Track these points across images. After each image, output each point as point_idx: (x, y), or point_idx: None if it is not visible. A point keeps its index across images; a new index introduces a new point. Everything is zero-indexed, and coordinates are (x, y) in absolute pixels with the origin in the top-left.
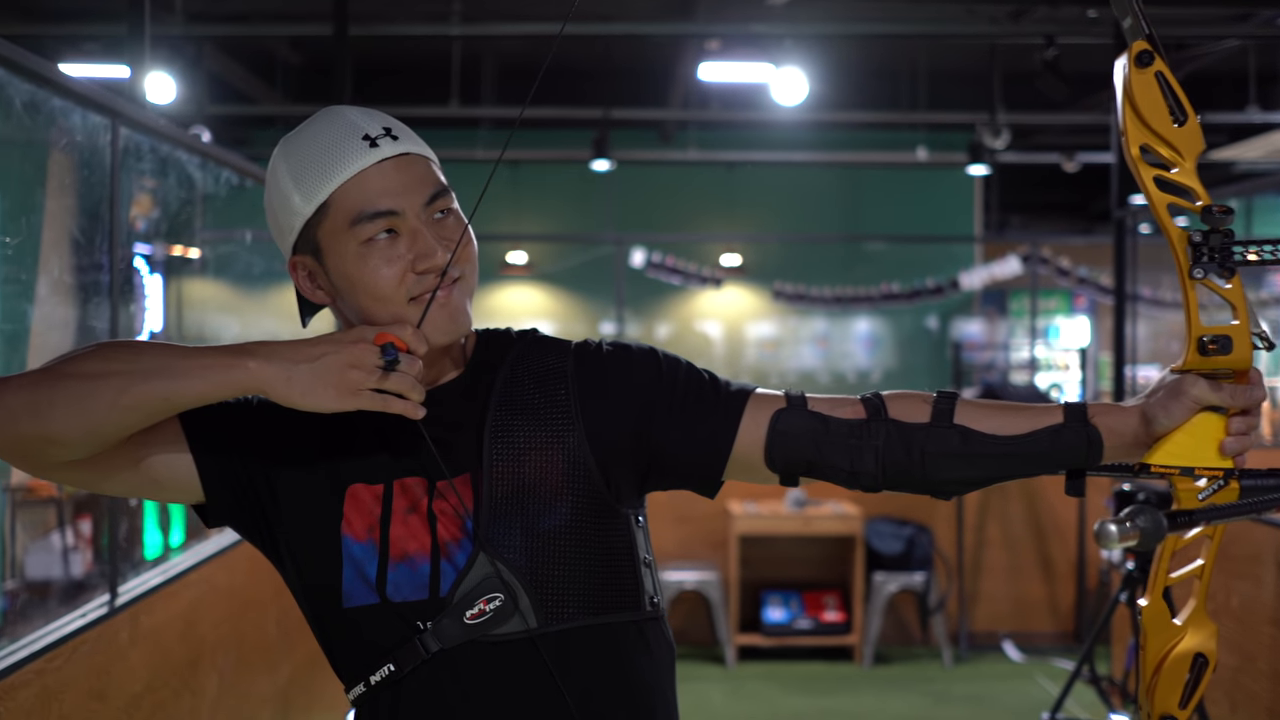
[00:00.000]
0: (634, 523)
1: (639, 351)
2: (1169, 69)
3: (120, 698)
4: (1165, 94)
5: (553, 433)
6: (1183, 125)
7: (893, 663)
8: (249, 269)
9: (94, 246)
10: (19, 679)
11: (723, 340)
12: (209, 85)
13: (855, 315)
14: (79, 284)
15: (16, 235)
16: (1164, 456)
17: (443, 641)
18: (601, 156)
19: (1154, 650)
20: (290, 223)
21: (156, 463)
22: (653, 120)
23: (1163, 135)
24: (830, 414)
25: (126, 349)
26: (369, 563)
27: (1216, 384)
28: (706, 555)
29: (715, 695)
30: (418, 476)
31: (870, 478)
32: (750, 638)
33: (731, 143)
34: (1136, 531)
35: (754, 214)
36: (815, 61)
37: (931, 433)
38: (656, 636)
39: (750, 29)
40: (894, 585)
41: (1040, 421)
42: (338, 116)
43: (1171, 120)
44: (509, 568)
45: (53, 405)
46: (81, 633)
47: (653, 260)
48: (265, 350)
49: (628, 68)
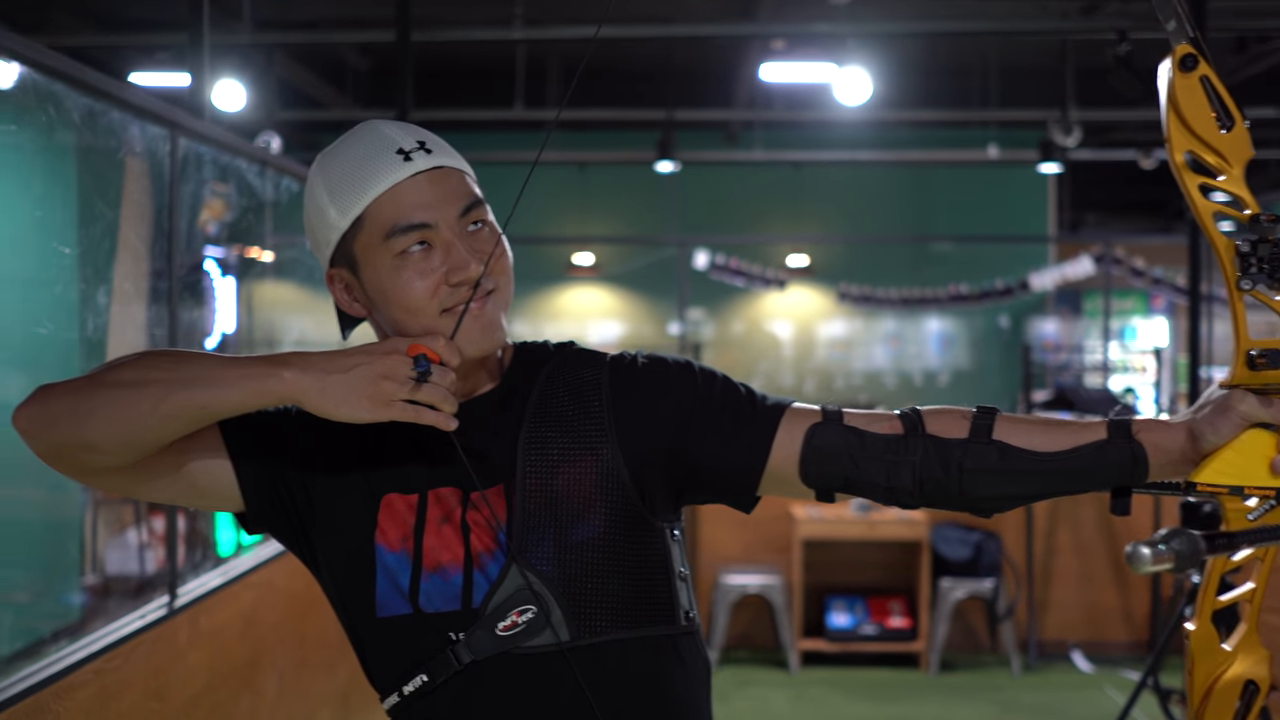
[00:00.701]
0: (669, 536)
1: (675, 365)
2: (1215, 73)
3: (179, 698)
4: (1211, 99)
5: (586, 445)
6: (1230, 131)
7: (959, 670)
8: (314, 272)
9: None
10: (78, 679)
11: (792, 341)
12: (279, 92)
13: (926, 315)
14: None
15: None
16: (1212, 475)
17: (475, 653)
18: (666, 158)
19: (1202, 676)
20: (327, 236)
21: (196, 470)
22: (717, 121)
23: (1209, 141)
24: (867, 429)
25: (167, 358)
26: (402, 573)
27: (1267, 399)
28: (770, 559)
29: (777, 700)
30: (452, 487)
31: (907, 494)
32: (814, 643)
33: (797, 143)
34: (1171, 555)
35: (821, 214)
36: (881, 60)
37: (970, 449)
38: (691, 651)
39: (813, 29)
40: (961, 591)
41: (1083, 437)
42: (373, 131)
43: (1218, 126)
44: (541, 580)
45: (93, 412)
46: (140, 633)
47: (716, 262)
48: (300, 361)
49: (692, 69)
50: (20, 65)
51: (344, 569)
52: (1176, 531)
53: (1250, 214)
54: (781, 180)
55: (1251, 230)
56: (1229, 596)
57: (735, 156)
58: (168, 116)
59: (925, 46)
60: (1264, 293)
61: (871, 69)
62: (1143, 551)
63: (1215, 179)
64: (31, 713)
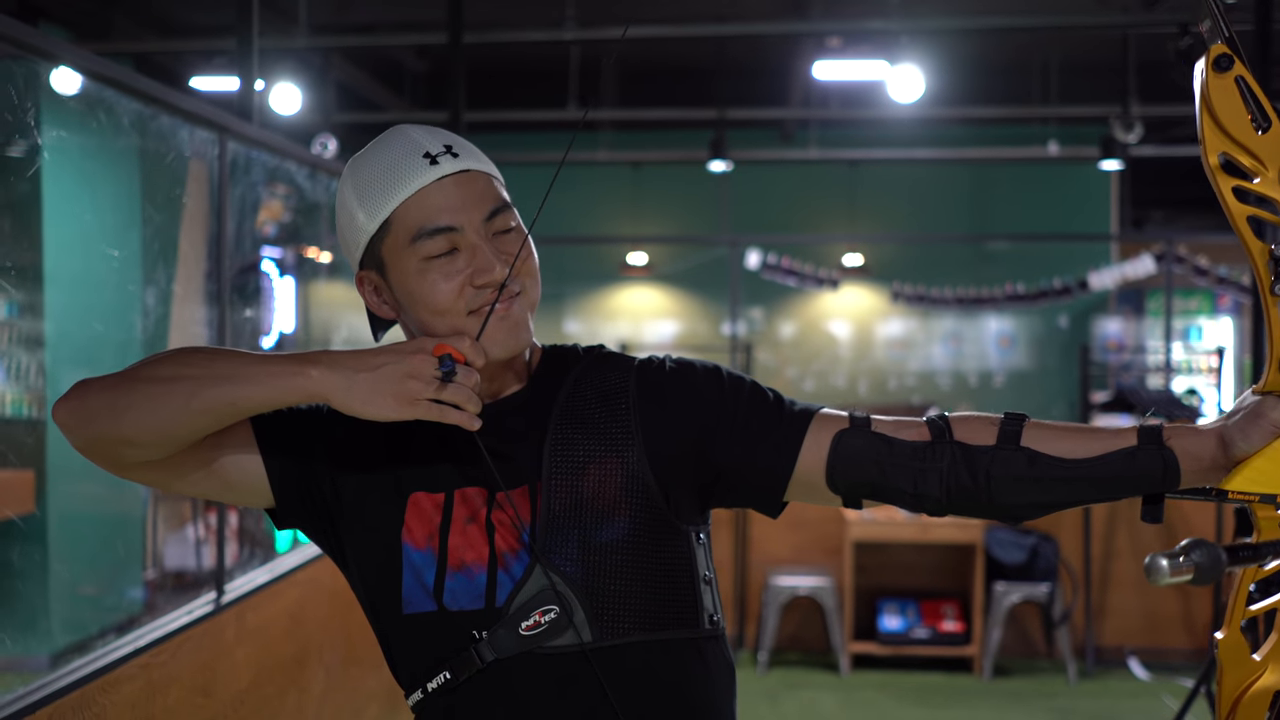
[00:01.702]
0: (694, 540)
1: (703, 369)
2: (1250, 73)
3: (225, 693)
4: (1246, 99)
5: (612, 448)
6: (1266, 132)
7: (1014, 676)
8: None
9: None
10: (124, 673)
11: (846, 341)
12: (337, 95)
13: (986, 316)
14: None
15: (146, 242)
16: (1243, 483)
17: (498, 651)
18: (718, 157)
19: (1230, 685)
20: (356, 239)
21: (228, 465)
22: (770, 120)
23: (1244, 144)
24: (895, 436)
25: (200, 355)
26: (427, 570)
27: None
28: (821, 561)
29: (827, 703)
30: (478, 487)
31: (934, 501)
32: (865, 646)
33: (853, 141)
34: (1191, 567)
35: (876, 213)
36: (937, 57)
37: (997, 455)
38: (715, 656)
39: (866, 26)
40: (1016, 596)
41: (1113, 444)
42: (401, 136)
43: (1254, 127)
44: (564, 580)
45: (129, 408)
46: (187, 629)
47: (768, 261)
48: (329, 359)
49: (746, 67)
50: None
51: (371, 566)
52: (1197, 543)
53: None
54: (837, 179)
55: None
56: (1259, 606)
57: (790, 155)
58: (217, 121)
59: (984, 42)
60: None
61: (927, 66)
62: (1161, 563)
63: (1250, 181)
64: (78, 706)
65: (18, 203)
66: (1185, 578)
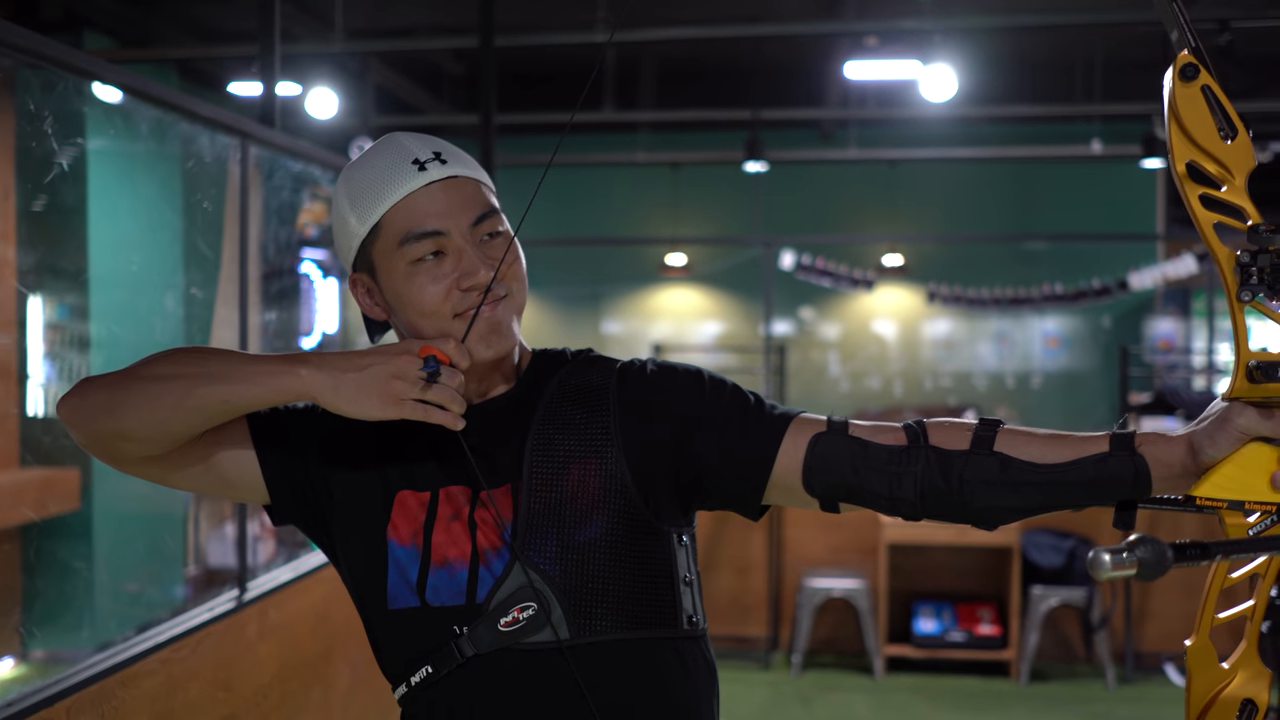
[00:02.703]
0: (675, 541)
1: (684, 372)
2: (1216, 82)
3: (248, 688)
4: (1213, 109)
5: (591, 449)
6: (1232, 141)
7: (1051, 681)
8: None
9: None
10: (143, 668)
11: (882, 341)
12: (376, 98)
13: (1032, 316)
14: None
15: (200, 246)
16: (1211, 489)
17: (478, 647)
18: (754, 157)
19: (1198, 692)
20: (349, 243)
21: (224, 461)
22: (808, 120)
23: (1210, 152)
24: (871, 440)
25: (196, 354)
26: (411, 567)
27: (1268, 412)
28: (855, 563)
29: (860, 706)
30: (462, 486)
31: (909, 505)
32: (900, 649)
33: (893, 140)
34: (1134, 562)
35: (917, 213)
36: (977, 54)
37: (970, 460)
38: (694, 656)
39: (899, 25)
40: (1054, 600)
41: (1085, 450)
42: (392, 143)
43: (1220, 136)
44: (543, 578)
45: (125, 404)
46: (207, 626)
47: (802, 262)
48: (318, 359)
49: (783, 67)
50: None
51: (359, 561)
52: (1144, 539)
53: (1251, 224)
54: (876, 179)
55: (1251, 241)
56: (1228, 614)
57: (829, 155)
58: (237, 126)
59: (1026, 39)
60: (1264, 304)
61: (965, 64)
62: (1103, 558)
63: (1217, 190)
64: (96, 700)
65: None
66: (1128, 573)
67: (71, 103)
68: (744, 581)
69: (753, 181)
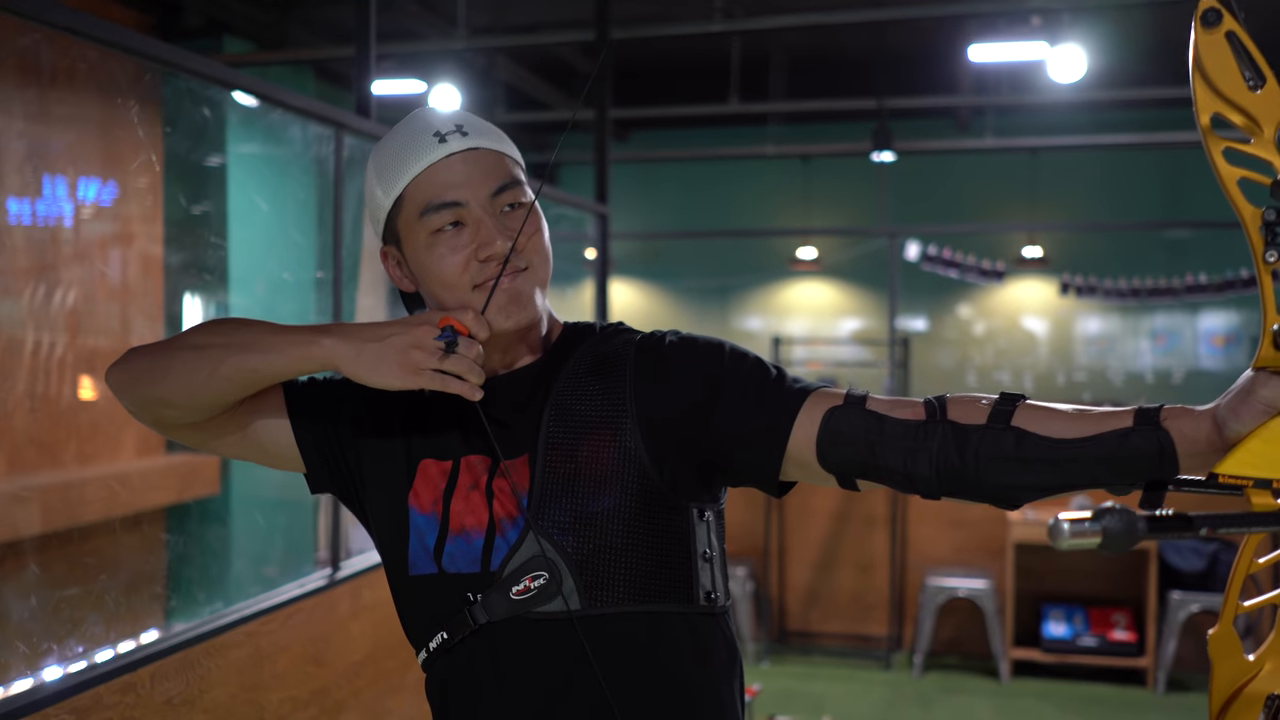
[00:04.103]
0: (695, 515)
1: (704, 344)
2: (1242, 27)
3: (340, 664)
4: (1238, 55)
5: (607, 420)
6: (1259, 90)
7: (1190, 691)
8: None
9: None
10: (230, 639)
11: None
12: (507, 95)
13: (1185, 309)
14: None
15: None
16: (1235, 465)
17: (490, 614)
18: (883, 148)
19: (1221, 683)
20: (377, 215)
21: (261, 429)
22: (941, 108)
23: (1236, 102)
24: (889, 415)
25: (231, 325)
26: (430, 534)
27: None
28: (981, 563)
29: (983, 711)
30: (482, 455)
31: (925, 482)
32: (1027, 652)
33: (1034, 128)
34: (1098, 532)
35: (1058, 202)
36: (1116, 35)
37: (986, 435)
38: (710, 633)
39: (1026, 4)
40: (1194, 605)
41: (1107, 425)
42: (417, 117)
43: (1247, 85)
44: (556, 548)
45: (167, 372)
46: (297, 601)
47: (928, 253)
48: (341, 330)
49: (911, 54)
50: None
51: (385, 529)
52: (1113, 509)
53: (1277, 179)
54: (1015, 167)
55: (1276, 197)
56: (1254, 602)
57: (962, 145)
58: (332, 117)
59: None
60: None
61: (1102, 46)
62: (1062, 526)
63: (1245, 143)
64: (182, 667)
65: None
66: (1090, 542)
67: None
68: (866, 579)
69: (879, 172)
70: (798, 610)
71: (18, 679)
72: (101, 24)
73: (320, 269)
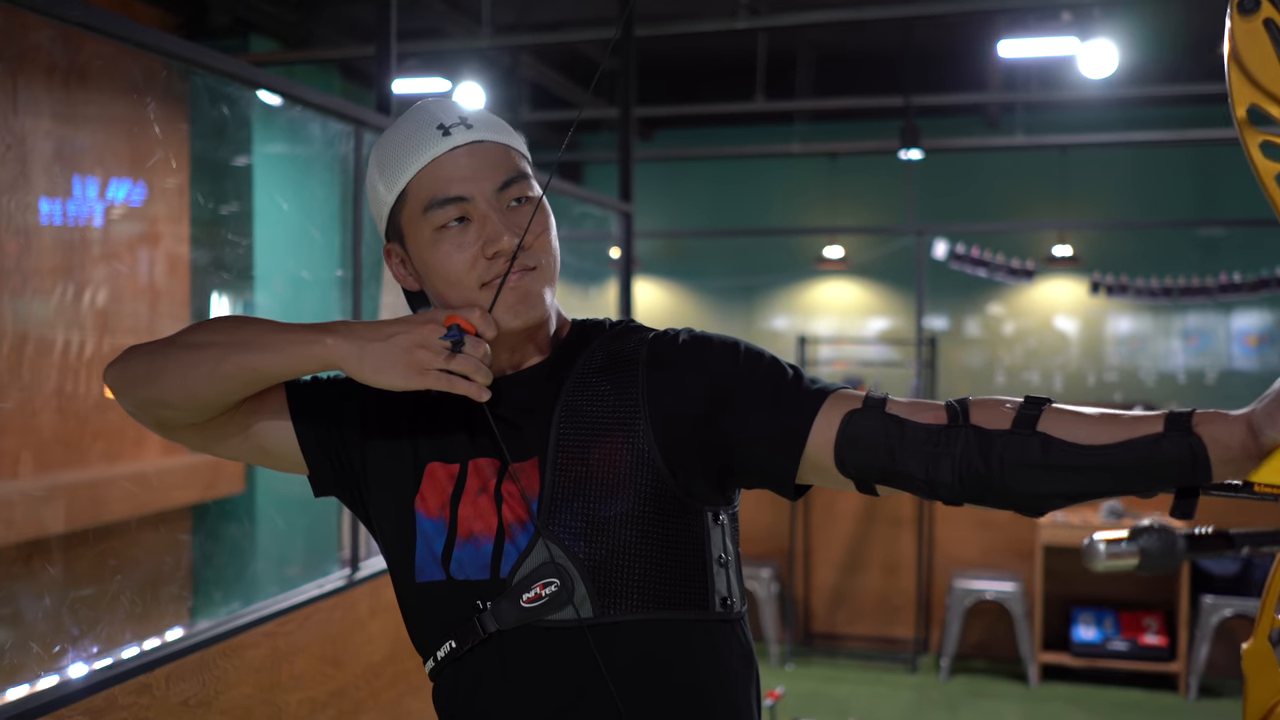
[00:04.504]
0: (709, 519)
1: (719, 343)
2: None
3: (358, 665)
4: (1277, 44)
5: (619, 421)
6: None
7: (1223, 697)
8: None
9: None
10: (246, 639)
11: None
12: (532, 94)
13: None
14: None
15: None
16: (1270, 474)
17: (500, 622)
18: (910, 145)
19: (1256, 699)
20: (380, 212)
21: (262, 430)
22: (968, 105)
23: (1274, 93)
24: (909, 418)
25: (231, 323)
26: (437, 539)
27: None
28: (1010, 565)
29: (1011, 716)
30: (490, 458)
31: (947, 489)
32: (1056, 656)
33: (1064, 125)
34: (1136, 553)
35: (1088, 201)
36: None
37: (1010, 440)
38: (726, 640)
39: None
40: (1228, 610)
41: (1137, 430)
42: (420, 110)
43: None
44: (567, 554)
45: (164, 372)
46: (316, 601)
47: (956, 251)
48: (344, 328)
49: (937, 51)
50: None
51: (391, 534)
52: (1151, 527)
53: None
54: (1045, 165)
55: None
56: None
57: (991, 142)
58: (350, 114)
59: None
60: None
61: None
62: (1097, 547)
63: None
64: (198, 668)
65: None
66: (1127, 564)
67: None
68: (892, 581)
69: (907, 170)
70: (823, 612)
71: (34, 678)
72: (127, 23)
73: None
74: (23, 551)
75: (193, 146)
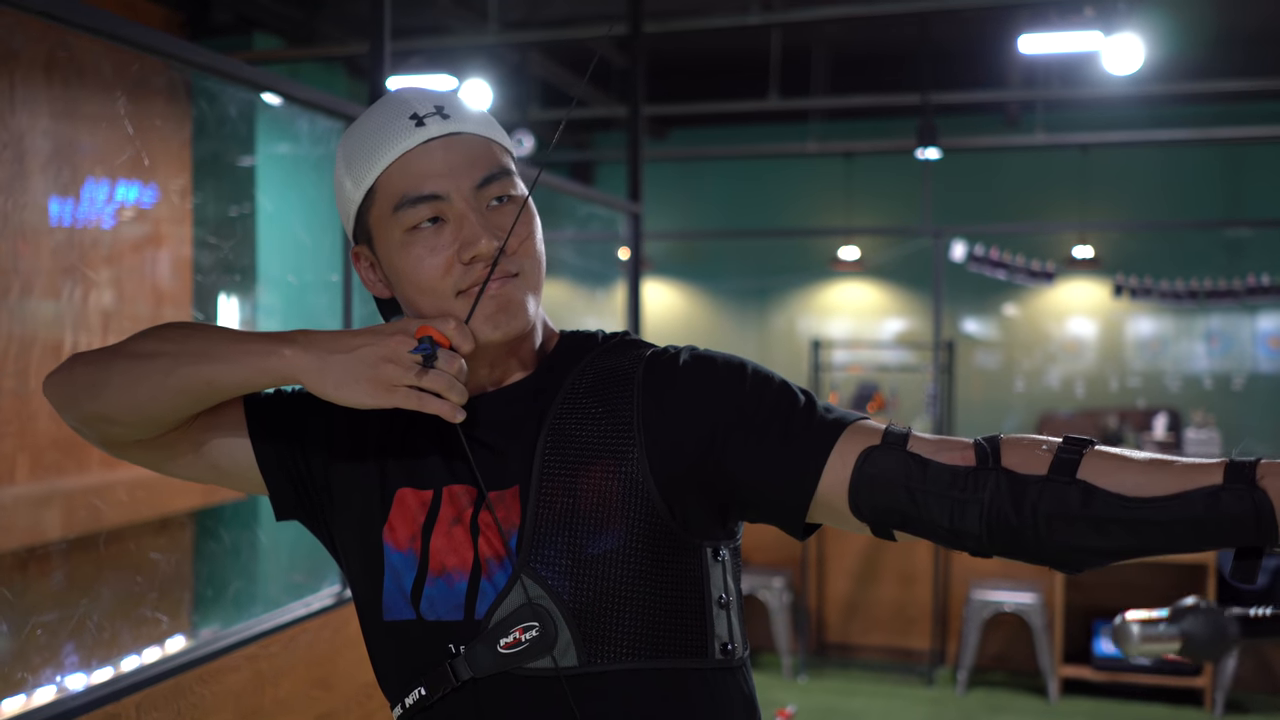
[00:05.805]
0: (709, 557)
1: (724, 364)
2: None
3: (348, 687)
4: None
5: (610, 447)
6: None
7: (1250, 713)
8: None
9: None
10: (226, 663)
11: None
12: (541, 92)
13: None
14: None
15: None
16: None
17: (474, 669)
18: (928, 144)
19: None
20: (346, 210)
21: (217, 449)
22: (988, 103)
23: None
24: (933, 458)
25: (181, 330)
26: (407, 574)
27: None
28: (1030, 575)
29: None
30: (466, 485)
31: (974, 539)
32: (1078, 670)
33: (1086, 124)
34: (1177, 636)
35: (1110, 201)
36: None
37: (1047, 488)
38: (726, 690)
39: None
40: None
41: (1192, 481)
42: (393, 98)
43: None
44: (550, 595)
45: (108, 384)
46: (301, 622)
47: (974, 253)
48: (305, 339)
49: (954, 49)
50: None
51: (357, 564)
52: (1196, 607)
53: None
54: (1066, 164)
55: None
56: None
57: (1010, 141)
58: (343, 112)
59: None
60: None
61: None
62: (1130, 629)
63: None
64: (172, 695)
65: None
66: (1167, 647)
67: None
68: (908, 592)
69: (925, 169)
70: (837, 623)
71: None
72: (128, 24)
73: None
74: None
75: (195, 147)
